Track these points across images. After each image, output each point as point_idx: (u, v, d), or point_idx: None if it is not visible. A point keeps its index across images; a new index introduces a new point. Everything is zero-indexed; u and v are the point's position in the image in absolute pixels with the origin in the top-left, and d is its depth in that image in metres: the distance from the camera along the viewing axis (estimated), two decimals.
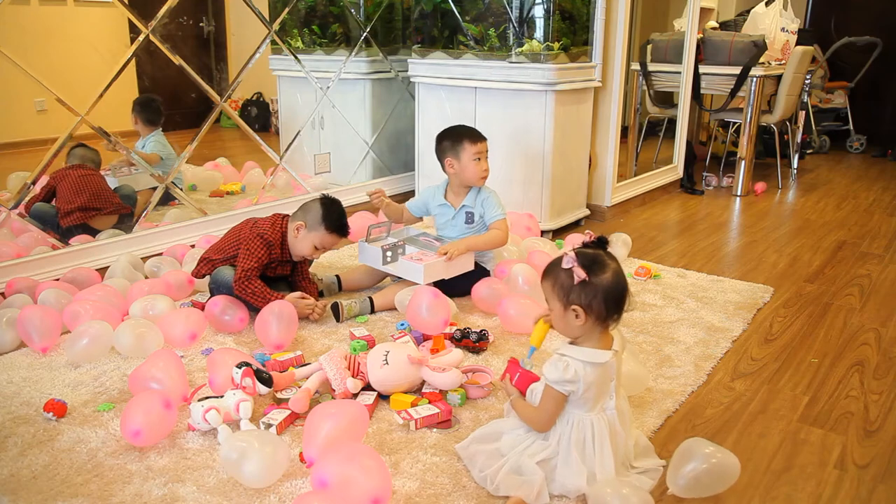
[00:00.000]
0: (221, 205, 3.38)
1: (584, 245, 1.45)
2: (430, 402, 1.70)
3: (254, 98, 4.23)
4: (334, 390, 1.72)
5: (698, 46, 4.08)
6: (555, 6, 2.99)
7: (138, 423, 1.49)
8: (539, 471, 1.37)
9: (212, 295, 2.29)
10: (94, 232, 2.72)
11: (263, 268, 2.21)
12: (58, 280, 2.36)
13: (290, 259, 2.29)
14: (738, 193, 4.16)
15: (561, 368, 1.37)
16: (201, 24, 4.01)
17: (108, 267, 2.51)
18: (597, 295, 1.37)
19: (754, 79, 3.99)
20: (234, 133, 3.85)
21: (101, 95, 2.51)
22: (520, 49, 3.06)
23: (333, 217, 2.23)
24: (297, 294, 2.22)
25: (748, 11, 4.67)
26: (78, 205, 2.72)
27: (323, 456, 1.38)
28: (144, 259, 2.60)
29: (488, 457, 1.43)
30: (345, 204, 3.44)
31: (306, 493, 1.33)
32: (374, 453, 1.39)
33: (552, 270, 1.43)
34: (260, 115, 4.18)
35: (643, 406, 1.76)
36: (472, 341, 2.03)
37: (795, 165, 4.82)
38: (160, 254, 2.67)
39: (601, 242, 1.45)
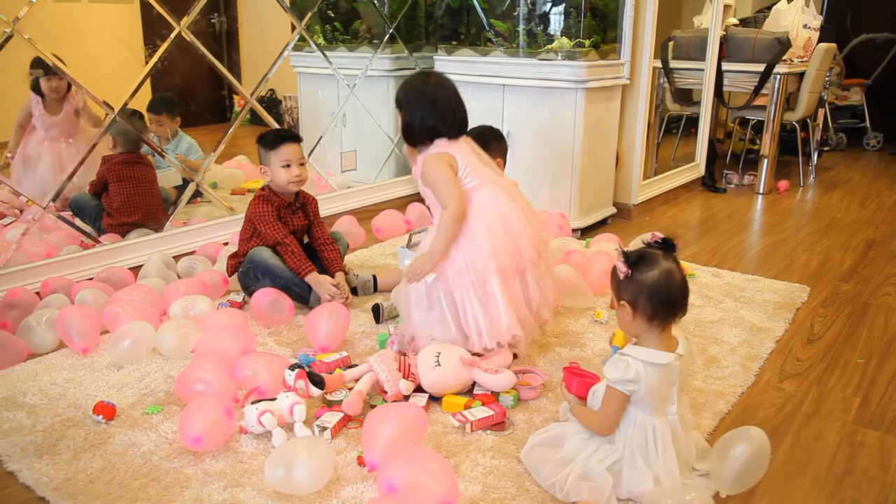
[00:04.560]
0: (244, 202, 3.36)
1: (648, 245, 1.43)
2: (483, 404, 1.68)
3: (267, 95, 4.21)
4: (385, 392, 1.70)
5: (721, 43, 4.05)
6: (586, 3, 2.97)
7: (199, 429, 1.47)
8: (609, 476, 1.35)
9: (247, 278, 2.29)
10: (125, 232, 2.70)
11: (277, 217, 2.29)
12: (91, 279, 2.34)
13: (291, 203, 2.35)
14: (761, 191, 4.14)
15: (622, 368, 1.36)
16: (212, 20, 3.98)
17: (138, 266, 2.49)
18: (641, 292, 1.36)
19: (778, 76, 3.96)
20: (245, 130, 3.83)
21: (134, 92, 2.49)
22: (550, 46, 3.03)
23: (268, 138, 2.31)
24: (331, 281, 2.26)
25: (768, 8, 4.64)
26: (132, 220, 2.70)
27: (388, 460, 1.36)
28: (176, 258, 2.57)
29: (555, 465, 1.41)
30: (370, 202, 3.46)
31: (376, 498, 1.31)
32: (440, 457, 1.38)
33: (614, 269, 1.43)
34: (275, 112, 4.16)
35: (696, 407, 1.74)
36: None
37: (815, 163, 4.80)
38: (191, 252, 2.64)
39: (667, 244, 1.42)
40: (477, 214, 1.82)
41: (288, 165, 2.27)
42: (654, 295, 1.36)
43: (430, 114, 1.86)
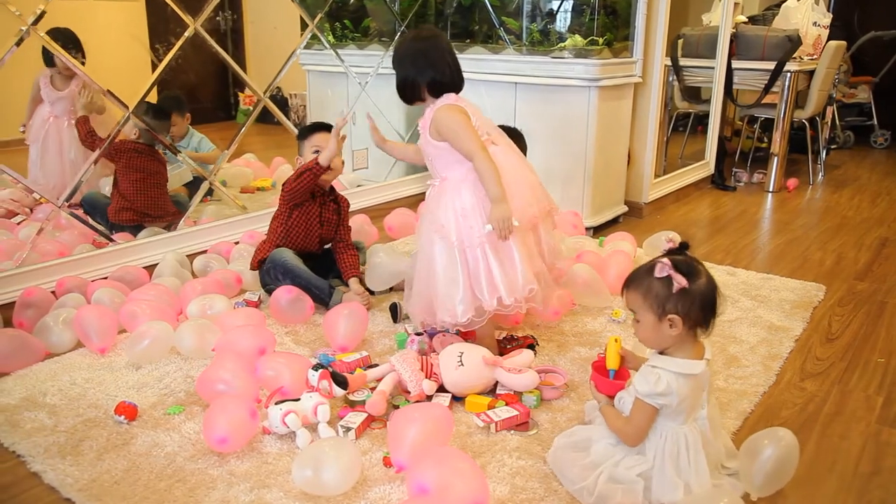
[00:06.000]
0: (253, 200, 3.35)
1: (670, 251, 1.40)
2: (506, 404, 1.67)
3: (274, 93, 4.19)
4: (408, 392, 1.69)
5: (731, 41, 4.04)
6: (600, 1, 2.96)
7: (224, 430, 1.46)
8: (640, 479, 1.34)
9: (266, 277, 2.30)
10: (136, 230, 2.69)
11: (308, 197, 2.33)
12: (106, 279, 2.33)
13: (325, 193, 2.40)
14: (771, 189, 4.13)
15: (652, 381, 1.32)
16: (218, 18, 3.97)
17: (151, 265, 2.48)
18: (694, 302, 1.33)
19: (789, 74, 3.95)
20: (251, 129, 3.83)
21: (148, 90, 2.47)
22: (563, 44, 3.02)
23: (304, 130, 2.43)
24: (355, 291, 2.26)
25: (777, 6, 4.63)
26: (134, 207, 2.70)
27: (417, 461, 1.35)
28: (189, 257, 2.56)
29: (582, 469, 1.39)
30: (383, 200, 3.46)
31: (407, 500, 1.30)
32: (469, 458, 1.37)
33: (642, 280, 1.37)
34: (283, 112, 4.14)
35: (719, 408, 1.73)
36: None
37: (823, 161, 4.79)
38: (204, 251, 2.63)
39: (684, 247, 1.40)
40: None
41: (319, 152, 2.30)
42: (706, 303, 1.33)
43: (433, 68, 1.85)
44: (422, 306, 1.88)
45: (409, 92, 1.90)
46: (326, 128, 2.38)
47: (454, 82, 1.90)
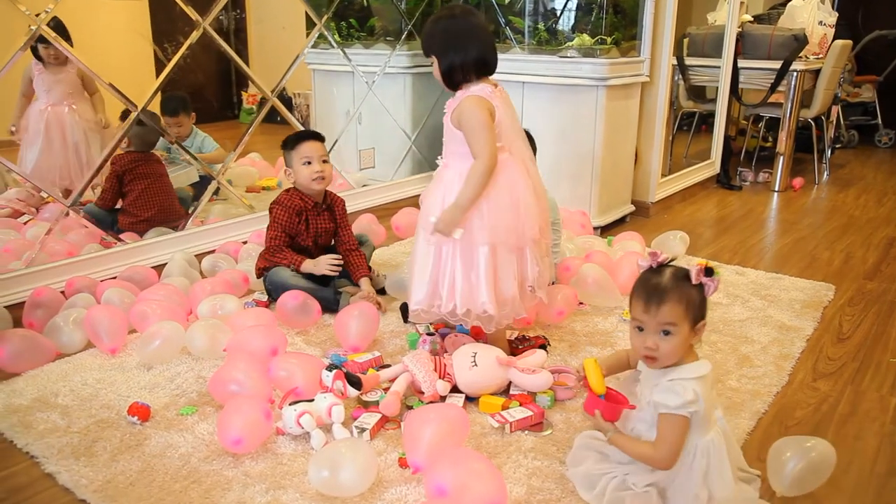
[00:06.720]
0: (259, 200, 3.34)
1: (661, 265, 1.34)
2: (520, 405, 1.67)
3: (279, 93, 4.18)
4: (422, 392, 1.68)
5: (737, 40, 4.03)
6: (608, 0, 2.95)
7: (239, 431, 1.46)
8: (651, 488, 1.33)
9: (269, 295, 2.28)
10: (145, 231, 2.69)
11: (297, 222, 2.30)
12: (115, 279, 2.32)
13: (317, 204, 2.34)
14: (777, 189, 4.13)
15: (680, 392, 1.27)
16: (221, 17, 3.95)
17: (159, 265, 2.47)
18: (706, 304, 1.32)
19: (795, 73, 3.95)
20: (255, 128, 3.82)
21: (156, 91, 2.47)
22: (571, 43, 3.01)
23: (289, 140, 2.33)
24: (361, 295, 2.24)
25: (782, 5, 4.62)
26: (145, 218, 2.70)
27: (434, 462, 1.34)
28: (198, 257, 2.56)
29: (588, 475, 1.38)
30: (389, 200, 3.45)
31: (426, 502, 1.30)
32: (486, 459, 1.36)
33: (679, 291, 1.28)
34: (289, 109, 4.13)
35: (733, 407, 1.73)
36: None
37: (828, 160, 4.78)
38: (212, 251, 2.63)
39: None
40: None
41: (309, 162, 2.27)
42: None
43: (478, 46, 1.76)
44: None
45: (459, 74, 1.77)
46: (313, 136, 2.32)
47: (496, 59, 1.82)
